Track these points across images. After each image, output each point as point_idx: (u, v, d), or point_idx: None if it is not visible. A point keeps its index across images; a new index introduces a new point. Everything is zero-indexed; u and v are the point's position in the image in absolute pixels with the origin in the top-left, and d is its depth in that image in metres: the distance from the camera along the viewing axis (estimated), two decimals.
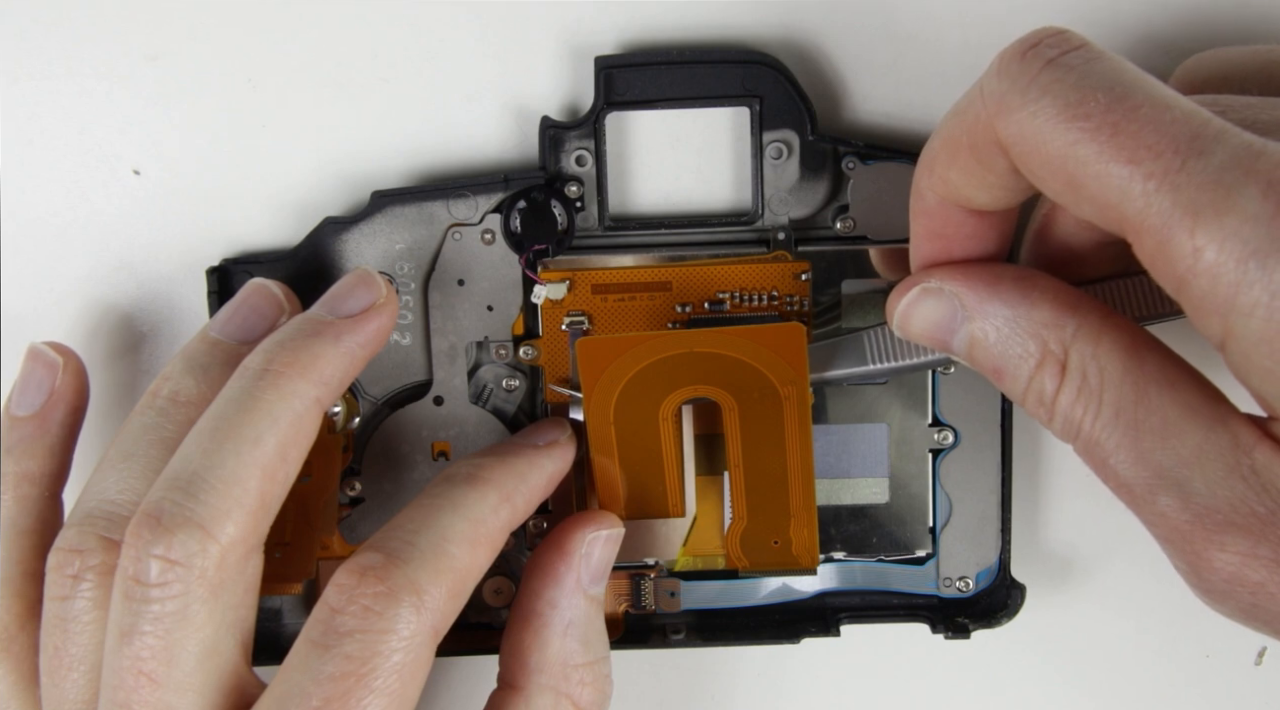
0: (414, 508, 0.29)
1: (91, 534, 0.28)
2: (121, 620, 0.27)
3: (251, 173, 0.34)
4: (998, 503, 0.34)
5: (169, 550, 0.26)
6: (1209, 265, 0.21)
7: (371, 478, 0.34)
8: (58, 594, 0.28)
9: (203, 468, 0.27)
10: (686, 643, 0.35)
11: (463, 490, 0.29)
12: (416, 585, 0.27)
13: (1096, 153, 0.22)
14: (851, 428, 0.34)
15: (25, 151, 0.34)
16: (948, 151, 0.26)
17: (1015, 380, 0.26)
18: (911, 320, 0.28)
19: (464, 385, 0.34)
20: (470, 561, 0.28)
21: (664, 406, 0.31)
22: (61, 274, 0.34)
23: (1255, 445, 0.23)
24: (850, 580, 0.35)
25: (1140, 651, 0.37)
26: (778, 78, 0.32)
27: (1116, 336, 0.25)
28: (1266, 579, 0.23)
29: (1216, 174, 0.21)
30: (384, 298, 0.30)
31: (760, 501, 0.32)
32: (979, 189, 0.26)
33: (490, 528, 0.29)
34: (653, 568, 0.35)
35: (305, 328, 0.29)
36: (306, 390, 0.28)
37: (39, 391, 0.32)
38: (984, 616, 0.35)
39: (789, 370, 0.31)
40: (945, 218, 0.27)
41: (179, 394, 0.30)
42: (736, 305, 0.33)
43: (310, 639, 0.27)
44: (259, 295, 0.32)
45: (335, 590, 0.27)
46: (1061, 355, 0.25)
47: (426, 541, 0.28)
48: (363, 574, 0.27)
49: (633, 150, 0.34)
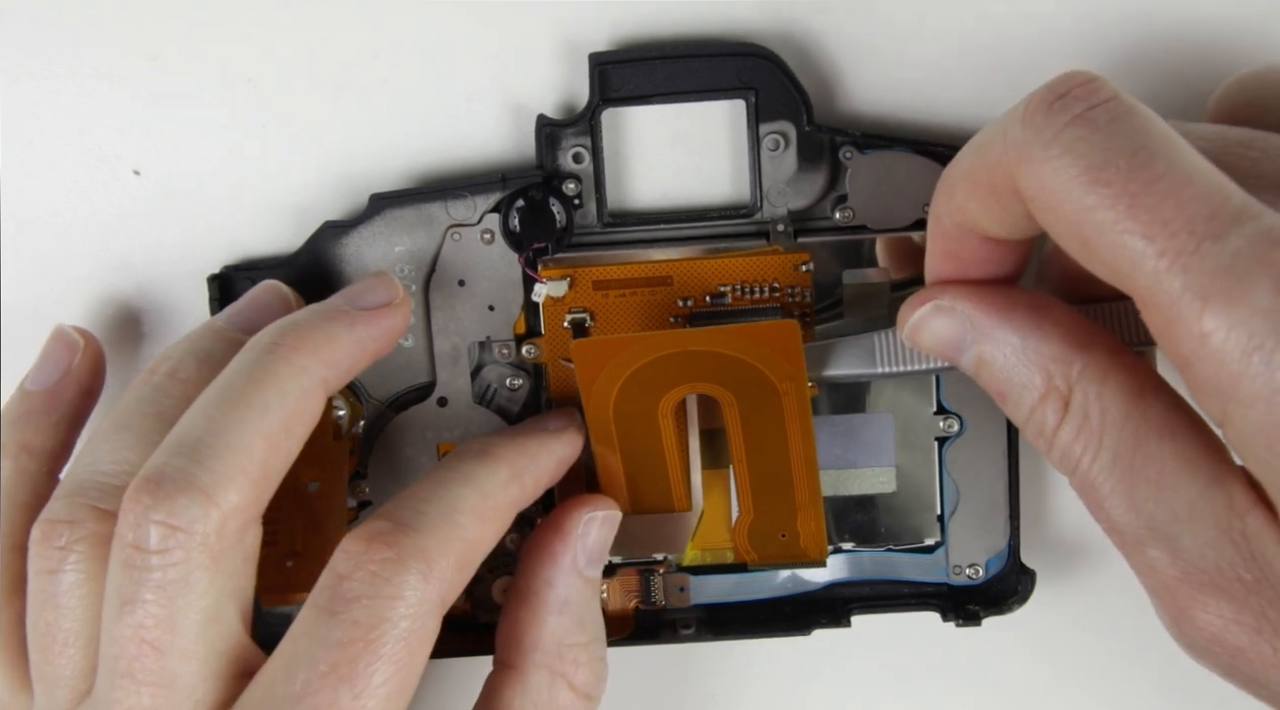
0: (424, 480, 0.29)
1: (82, 505, 0.28)
2: (122, 589, 0.26)
3: (251, 172, 0.34)
4: (1005, 489, 0.34)
5: (170, 516, 0.26)
6: (1213, 351, 0.21)
7: (378, 481, 0.34)
8: (44, 567, 0.28)
9: (207, 434, 0.27)
10: (697, 637, 0.35)
11: (473, 464, 0.29)
12: (425, 553, 0.27)
13: (1113, 221, 0.22)
14: (856, 418, 0.34)
15: (25, 151, 0.34)
16: (967, 185, 0.26)
17: (1018, 408, 0.26)
18: (922, 335, 0.28)
19: (467, 386, 0.34)
20: (479, 534, 0.28)
21: (663, 404, 0.31)
22: (61, 274, 0.34)
23: (1249, 510, 0.23)
24: (860, 570, 0.35)
25: (1154, 635, 0.37)
26: (773, 69, 0.32)
27: (1123, 378, 0.25)
28: (1246, 645, 0.23)
29: (1230, 260, 0.21)
30: (400, 298, 0.30)
31: (766, 495, 0.32)
32: (997, 223, 0.26)
33: (499, 502, 0.29)
34: (662, 563, 0.35)
35: (320, 311, 0.29)
36: (316, 368, 0.28)
37: (55, 369, 0.32)
38: (995, 603, 0.35)
39: (786, 366, 0.31)
40: (962, 241, 0.27)
41: (177, 372, 0.30)
42: (738, 298, 0.33)
43: (317, 605, 0.26)
44: (269, 293, 0.32)
45: (343, 556, 0.27)
46: (1065, 391, 0.25)
47: (436, 511, 0.28)
48: (370, 540, 0.27)
49: (629, 146, 0.34)
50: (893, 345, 0.30)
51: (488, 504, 0.29)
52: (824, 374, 0.31)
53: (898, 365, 0.30)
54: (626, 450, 0.32)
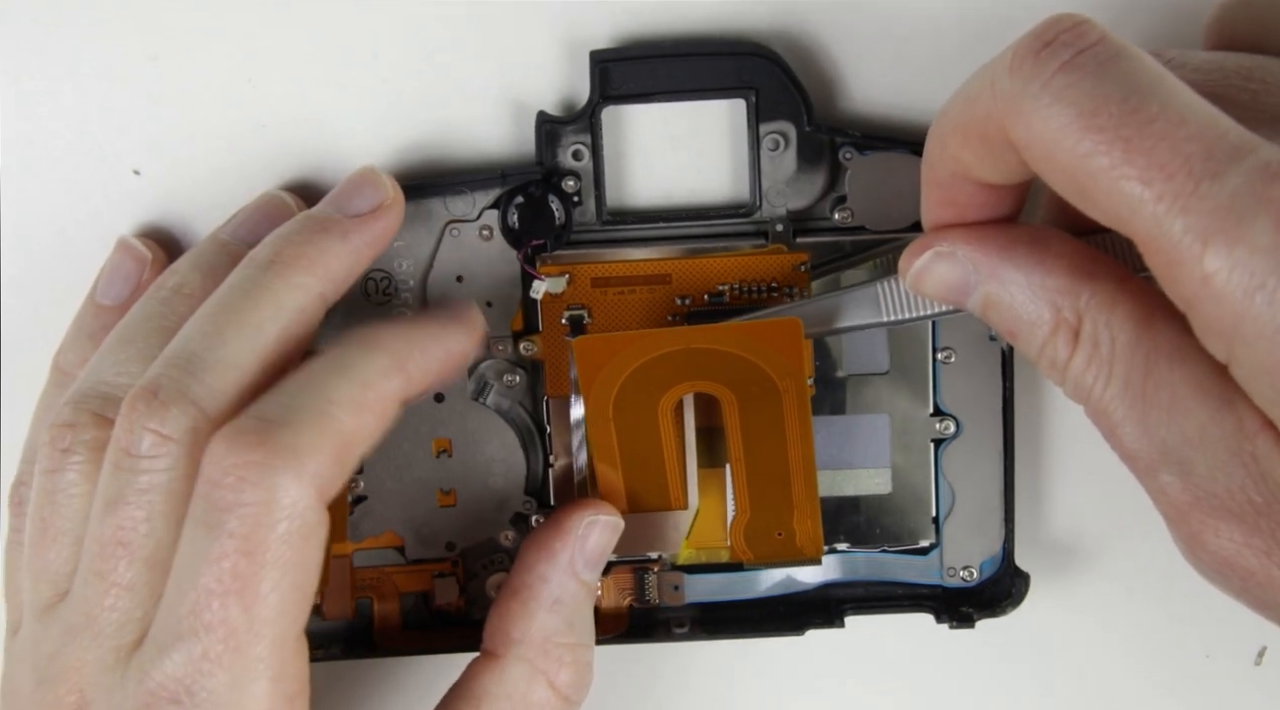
0: (299, 371, 0.27)
1: (85, 410, 0.28)
2: (108, 490, 0.27)
3: (251, 172, 0.34)
4: (1000, 491, 0.34)
5: (162, 424, 0.26)
6: (1215, 292, 0.21)
7: (373, 476, 0.34)
8: (48, 467, 0.28)
9: (202, 348, 0.27)
10: (690, 636, 0.35)
11: (352, 352, 0.28)
12: (295, 449, 0.25)
13: (1108, 167, 0.22)
14: (852, 418, 0.34)
15: (25, 151, 0.34)
16: (959, 134, 0.26)
17: (1029, 344, 0.26)
18: (925, 281, 0.27)
19: (464, 381, 0.34)
20: (355, 425, 0.27)
21: (663, 402, 0.31)
22: (61, 274, 0.34)
23: (1259, 433, 0.23)
24: (854, 571, 0.35)
25: (1146, 639, 0.37)
26: (773, 69, 0.32)
27: (1130, 306, 0.25)
28: (1257, 568, 0.23)
29: (1229, 200, 0.21)
30: (390, 197, 0.30)
31: (763, 494, 0.32)
32: (991, 171, 0.26)
33: (380, 392, 0.27)
34: (656, 562, 0.35)
35: (312, 224, 0.30)
36: (312, 284, 0.29)
37: (125, 283, 0.33)
38: (988, 606, 0.35)
39: (786, 364, 0.31)
40: (957, 188, 0.27)
41: (183, 286, 0.30)
42: (736, 297, 0.33)
43: (194, 518, 0.26)
44: (273, 203, 0.32)
45: (209, 460, 0.26)
46: (1075, 323, 0.25)
47: (307, 404, 0.26)
48: (233, 441, 0.25)
49: (629, 144, 0.34)
50: (898, 293, 0.30)
51: (366, 395, 0.27)
52: (832, 327, 0.31)
53: (904, 313, 0.30)
54: (625, 448, 0.32)
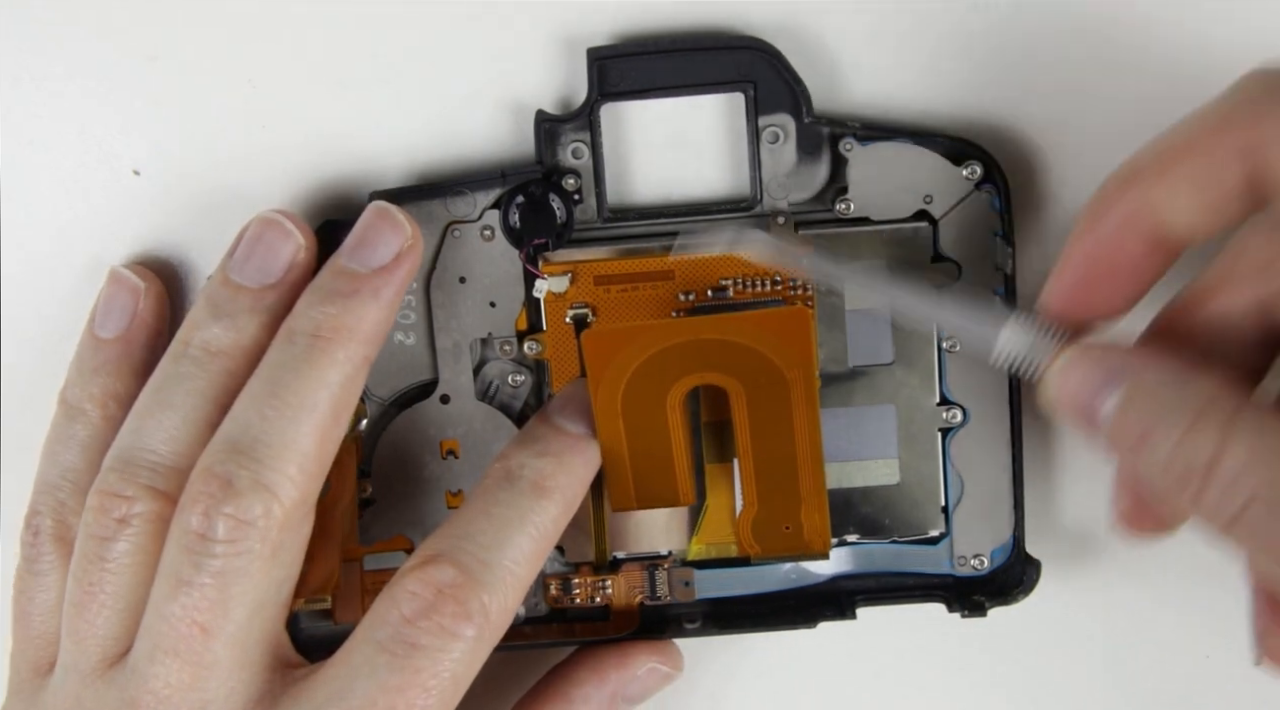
0: (482, 515, 0.30)
1: (135, 483, 0.29)
2: (179, 570, 0.28)
3: (251, 172, 0.34)
4: (1010, 479, 0.34)
5: (238, 511, 0.27)
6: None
7: (381, 479, 0.34)
8: (99, 533, 0.29)
9: (264, 434, 0.28)
10: (702, 631, 0.35)
11: (530, 503, 0.30)
12: (487, 610, 0.28)
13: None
14: (859, 409, 0.34)
15: (25, 151, 0.34)
16: (1164, 160, 0.25)
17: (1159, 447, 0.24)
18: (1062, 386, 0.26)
19: (470, 383, 0.34)
20: (531, 575, 0.30)
21: (671, 395, 0.31)
22: (61, 274, 0.34)
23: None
24: (864, 562, 0.35)
25: (1159, 625, 0.37)
26: (771, 62, 0.32)
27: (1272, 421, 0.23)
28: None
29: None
30: (410, 238, 0.31)
31: (770, 487, 0.32)
32: (1184, 208, 0.25)
33: (552, 540, 0.30)
34: (666, 558, 0.35)
35: (342, 286, 0.30)
36: (355, 352, 0.29)
37: (122, 315, 0.33)
38: (1000, 594, 0.34)
39: (795, 354, 0.31)
40: (1115, 244, 0.26)
41: (210, 344, 0.30)
42: (740, 291, 0.33)
43: (377, 641, 0.28)
44: (271, 232, 0.32)
45: (409, 599, 0.28)
46: None
47: (499, 561, 0.29)
48: (440, 591, 0.28)
49: (629, 141, 0.34)
50: None
51: (543, 547, 0.30)
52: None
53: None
54: (633, 443, 0.32)
